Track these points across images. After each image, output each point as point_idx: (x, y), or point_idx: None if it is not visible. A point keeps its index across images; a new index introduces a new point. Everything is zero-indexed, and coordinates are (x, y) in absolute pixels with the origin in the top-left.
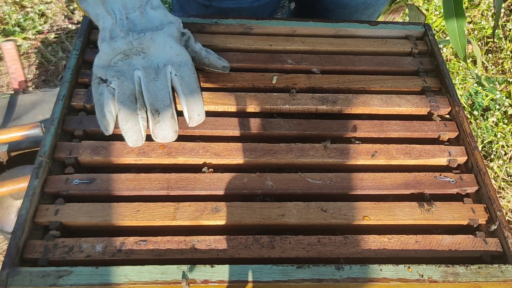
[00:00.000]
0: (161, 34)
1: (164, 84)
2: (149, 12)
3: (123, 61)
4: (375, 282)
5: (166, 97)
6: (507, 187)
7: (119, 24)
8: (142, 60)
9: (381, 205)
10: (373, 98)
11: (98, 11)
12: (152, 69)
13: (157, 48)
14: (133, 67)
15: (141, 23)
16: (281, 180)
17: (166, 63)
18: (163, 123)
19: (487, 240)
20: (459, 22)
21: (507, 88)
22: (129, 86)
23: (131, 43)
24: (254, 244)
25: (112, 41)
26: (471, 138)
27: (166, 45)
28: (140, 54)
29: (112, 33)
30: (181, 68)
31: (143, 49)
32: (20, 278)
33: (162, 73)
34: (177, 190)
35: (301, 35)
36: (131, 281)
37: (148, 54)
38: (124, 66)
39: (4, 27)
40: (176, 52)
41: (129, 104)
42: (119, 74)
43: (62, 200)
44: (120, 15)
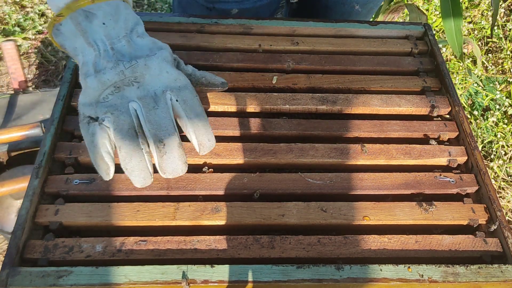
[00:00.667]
0: (155, 60)
1: (166, 111)
2: (136, 41)
3: (114, 95)
4: (375, 282)
5: (170, 125)
6: (507, 187)
7: (104, 56)
8: (136, 91)
9: (381, 205)
10: (373, 98)
11: (77, 45)
12: (149, 98)
13: (153, 75)
14: (127, 99)
15: (129, 53)
16: (281, 180)
17: (165, 89)
18: (170, 154)
19: (487, 240)
20: (456, 21)
21: (507, 88)
22: (126, 119)
23: (123, 73)
24: (254, 244)
25: (99, 74)
26: (471, 138)
27: (162, 70)
28: (133, 84)
29: (96, 66)
30: (181, 92)
31: (137, 78)
32: (20, 278)
33: (161, 101)
34: (177, 190)
35: (301, 35)
36: (131, 281)
37: (142, 83)
38: (116, 100)
39: (4, 27)
40: (174, 77)
41: (130, 139)
42: (112, 109)
43: (62, 200)
44: (104, 46)
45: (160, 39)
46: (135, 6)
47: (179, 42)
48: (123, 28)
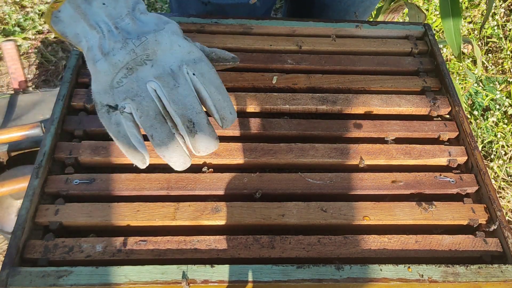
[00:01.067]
0: (165, 34)
1: (188, 88)
2: (140, 17)
3: (129, 77)
4: (375, 282)
5: (195, 102)
6: (507, 187)
7: (109, 37)
8: (151, 69)
9: (381, 205)
10: (373, 98)
11: (78, 30)
12: (167, 75)
13: (165, 50)
14: (143, 80)
15: (136, 30)
16: (281, 180)
17: (180, 64)
18: (201, 132)
19: (487, 240)
20: (455, 21)
21: (507, 88)
22: (150, 105)
23: (134, 51)
24: (254, 244)
25: (108, 57)
26: (471, 138)
27: (174, 44)
28: (145, 63)
29: (103, 49)
30: (197, 65)
31: (149, 56)
32: (20, 278)
33: (180, 77)
34: (177, 190)
35: (301, 35)
36: (131, 281)
37: (156, 60)
38: (132, 83)
39: (4, 27)
40: (187, 49)
41: (160, 126)
42: (132, 95)
43: (62, 200)
44: (108, 27)
45: None
46: None
47: None
48: (124, 7)
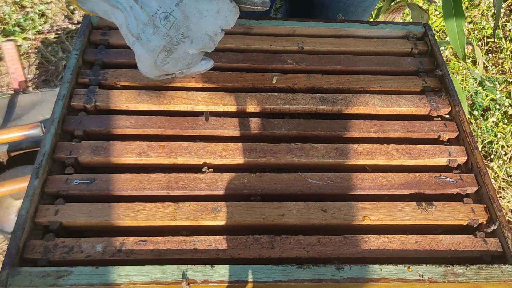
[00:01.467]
0: (189, 4)
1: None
2: None
3: (170, 57)
4: (375, 282)
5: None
6: (507, 187)
7: (132, 15)
8: (192, 45)
9: (381, 205)
10: (373, 98)
11: (106, 7)
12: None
13: (196, 22)
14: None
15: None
16: (281, 180)
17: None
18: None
19: (487, 240)
20: (458, 21)
21: (507, 88)
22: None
23: (167, 35)
24: (254, 244)
25: (143, 43)
26: (471, 138)
27: (202, 12)
28: (183, 41)
29: (131, 30)
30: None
31: (183, 34)
32: (20, 278)
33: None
34: (177, 190)
35: (301, 35)
36: (131, 281)
37: (191, 36)
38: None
39: (4, 27)
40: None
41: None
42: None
43: (62, 200)
44: (129, 2)
45: None
46: None
47: None
48: None
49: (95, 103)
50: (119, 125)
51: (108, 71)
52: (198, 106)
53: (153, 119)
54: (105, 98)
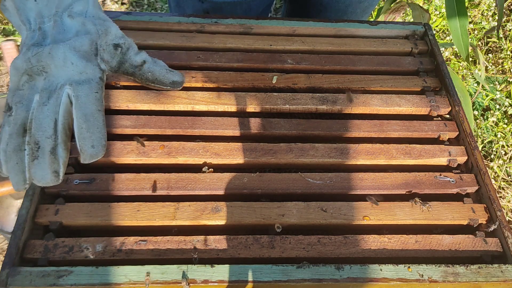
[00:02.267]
0: (62, 48)
1: (52, 109)
2: (64, 21)
3: (28, 83)
4: (375, 282)
5: (49, 126)
6: (507, 187)
7: (29, 37)
8: (43, 82)
9: (381, 205)
10: (373, 98)
11: (19, 22)
12: (48, 91)
13: (57, 66)
14: (35, 90)
15: (52, 35)
16: (281, 180)
17: (64, 83)
18: (40, 159)
19: (487, 240)
20: (461, 21)
21: (507, 88)
22: (21, 114)
23: (30, 60)
24: (254, 244)
25: (14, 59)
26: (471, 138)
27: (67, 61)
28: (42, 74)
29: (22, 48)
30: (79, 87)
31: (44, 67)
32: (20, 278)
33: (54, 96)
34: (177, 190)
35: (301, 35)
36: (131, 281)
37: (49, 74)
38: (27, 90)
39: (4, 27)
40: (79, 69)
41: (15, 138)
42: (18, 100)
43: (62, 200)
44: (34, 26)
45: (160, 39)
46: (135, 6)
47: (179, 42)
48: (54, 7)
49: None
50: (119, 124)
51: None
52: (198, 106)
53: (153, 119)
54: (105, 98)
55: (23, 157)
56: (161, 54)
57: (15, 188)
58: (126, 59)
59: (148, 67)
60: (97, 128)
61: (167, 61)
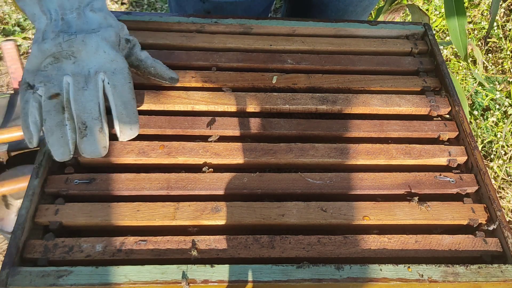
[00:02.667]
0: (94, 37)
1: (94, 94)
2: (87, 14)
3: (53, 65)
4: (375, 282)
5: (94, 109)
6: (507, 187)
7: (52, 25)
8: (72, 65)
9: (381, 205)
10: (373, 98)
11: (35, 11)
12: (82, 76)
13: (89, 53)
14: (63, 72)
15: (77, 25)
16: (281, 180)
17: (98, 70)
18: (90, 137)
19: (487, 240)
20: (460, 20)
21: (507, 88)
22: (56, 92)
23: (61, 45)
24: (254, 244)
25: (42, 43)
26: (471, 138)
27: (99, 49)
28: (70, 58)
29: (44, 35)
30: (114, 76)
31: (74, 52)
32: (20, 278)
33: (92, 82)
34: (177, 190)
35: (301, 35)
36: (131, 281)
37: (79, 59)
38: (53, 71)
39: (4, 27)
40: (111, 57)
41: (55, 114)
42: (47, 80)
43: (62, 200)
44: (56, 16)
45: (160, 39)
46: (135, 6)
47: (179, 42)
48: (76, 1)
49: None
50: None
51: None
52: (198, 106)
53: (153, 119)
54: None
55: (65, 131)
56: (161, 54)
57: (59, 158)
58: (133, 53)
59: (151, 62)
60: (133, 114)
61: (167, 61)
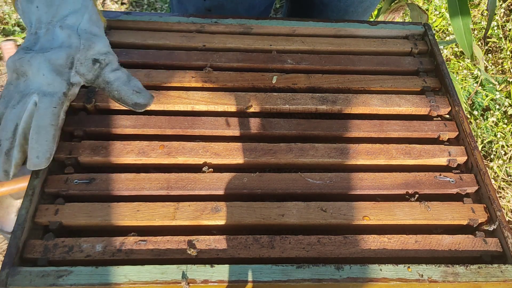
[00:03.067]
0: (38, 58)
1: (16, 114)
2: (55, 31)
3: (16, 81)
4: (375, 282)
5: (10, 129)
6: (507, 187)
7: (27, 39)
8: (22, 84)
9: (381, 205)
10: (373, 98)
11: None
12: (21, 95)
13: (34, 74)
14: (17, 89)
15: (41, 42)
16: (281, 180)
17: (35, 91)
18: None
19: (487, 240)
20: (464, 20)
21: (507, 88)
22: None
23: (14, 63)
24: (254, 244)
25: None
26: (471, 138)
27: (40, 71)
28: (24, 77)
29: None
30: (42, 99)
31: (25, 72)
32: (20, 278)
33: (21, 102)
34: (177, 190)
35: (301, 35)
36: (131, 281)
37: (27, 79)
38: (13, 87)
39: (4, 27)
40: (48, 81)
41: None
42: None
43: (62, 200)
44: (33, 29)
45: (160, 39)
46: (135, 6)
47: (179, 42)
48: (50, 15)
49: (95, 103)
50: (119, 124)
51: None
52: (198, 106)
53: (153, 119)
54: (105, 97)
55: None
56: (161, 54)
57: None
58: (101, 74)
59: (117, 85)
60: (45, 141)
61: (167, 61)
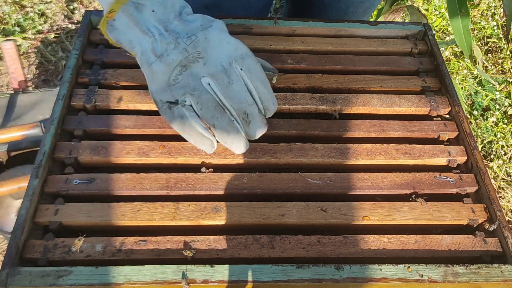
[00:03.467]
0: (213, 31)
1: (241, 84)
2: (187, 18)
3: (183, 74)
4: (375, 282)
5: (248, 96)
6: (507, 187)
7: (160, 40)
8: (204, 67)
9: (381, 205)
10: (373, 98)
11: (132, 37)
12: (220, 73)
13: (214, 48)
14: (197, 76)
15: (184, 29)
16: (281, 180)
17: (230, 60)
18: (254, 121)
19: (487, 240)
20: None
21: (507, 88)
22: (208, 97)
23: (186, 50)
24: (254, 244)
25: (163, 58)
26: (471, 138)
27: (222, 41)
28: (198, 60)
29: (156, 51)
30: (245, 61)
31: (200, 53)
32: (20, 278)
33: (233, 74)
34: (177, 190)
35: (301, 35)
36: (131, 281)
37: (207, 58)
38: (188, 79)
39: (4, 27)
40: (234, 46)
41: (221, 116)
42: (190, 89)
43: (62, 200)
44: (159, 31)
45: None
46: None
47: None
48: (171, 12)
49: (95, 103)
50: (119, 124)
51: (108, 71)
52: None
53: (153, 119)
54: (105, 97)
55: (237, 127)
56: None
57: (240, 151)
58: None
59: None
60: (271, 90)
61: None
